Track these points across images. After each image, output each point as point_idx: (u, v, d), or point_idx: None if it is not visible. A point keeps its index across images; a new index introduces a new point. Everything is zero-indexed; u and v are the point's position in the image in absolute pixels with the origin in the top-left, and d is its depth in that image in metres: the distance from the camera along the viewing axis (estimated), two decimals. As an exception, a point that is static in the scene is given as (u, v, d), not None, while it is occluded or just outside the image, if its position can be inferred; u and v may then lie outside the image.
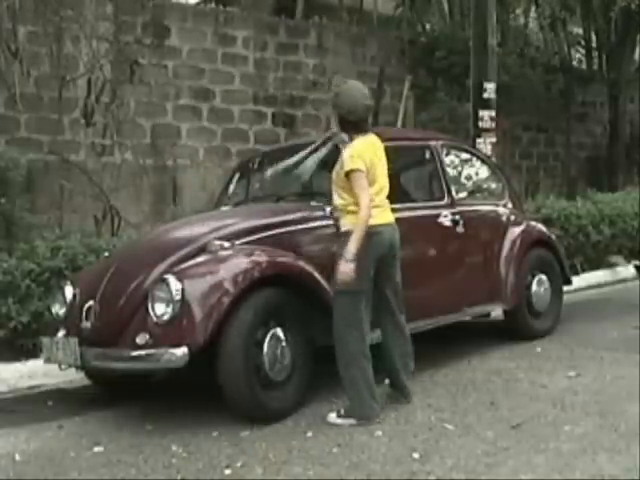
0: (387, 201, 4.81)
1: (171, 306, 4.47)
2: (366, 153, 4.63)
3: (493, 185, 6.99)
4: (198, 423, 4.70)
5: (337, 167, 4.73)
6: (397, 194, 6.15)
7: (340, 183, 4.67)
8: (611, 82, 15.37)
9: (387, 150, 5.93)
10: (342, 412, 4.64)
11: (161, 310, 4.51)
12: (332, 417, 4.65)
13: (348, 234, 4.53)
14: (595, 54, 16.59)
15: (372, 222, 4.55)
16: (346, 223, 4.64)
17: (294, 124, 11.95)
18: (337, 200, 4.74)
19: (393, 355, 4.93)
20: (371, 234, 4.55)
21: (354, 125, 4.75)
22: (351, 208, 4.61)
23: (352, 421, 4.56)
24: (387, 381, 5.03)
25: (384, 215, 4.74)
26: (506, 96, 10.66)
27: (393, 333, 4.93)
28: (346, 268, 4.42)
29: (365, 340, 4.65)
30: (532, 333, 6.55)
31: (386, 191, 4.80)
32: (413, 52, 13.34)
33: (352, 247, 4.42)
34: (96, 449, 4.41)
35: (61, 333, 5.03)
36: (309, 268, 4.96)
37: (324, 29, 12.56)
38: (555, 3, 13.93)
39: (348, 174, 4.55)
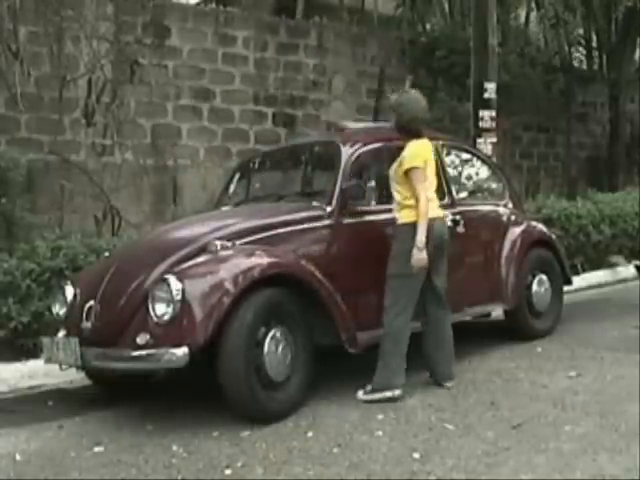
0: (436, 197, 5.29)
1: (171, 306, 4.47)
2: (422, 153, 5.13)
3: (493, 185, 6.99)
4: (198, 423, 4.70)
5: (394, 166, 5.21)
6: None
7: (398, 180, 5.16)
8: (611, 82, 15.37)
9: (387, 151, 5.95)
10: (368, 389, 5.03)
11: (161, 310, 4.51)
12: (360, 394, 5.03)
13: (404, 227, 5.07)
14: (595, 54, 16.59)
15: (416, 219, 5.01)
16: (402, 216, 5.13)
17: (294, 124, 11.95)
18: (395, 196, 5.21)
19: (433, 344, 5.30)
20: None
21: (412, 131, 5.23)
22: (407, 202, 5.10)
23: (378, 396, 4.96)
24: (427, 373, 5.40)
25: (435, 209, 5.21)
26: (506, 96, 10.66)
27: (436, 324, 5.29)
28: (419, 256, 4.92)
29: (408, 321, 5.08)
30: (532, 333, 6.55)
31: (434, 188, 5.26)
32: (413, 52, 13.34)
33: (421, 236, 4.93)
34: (96, 449, 4.41)
35: (61, 333, 5.03)
36: (310, 268, 4.96)
37: (324, 29, 12.57)
38: (558, 4, 13.93)
39: (408, 171, 5.05)
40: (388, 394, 4.98)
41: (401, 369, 5.06)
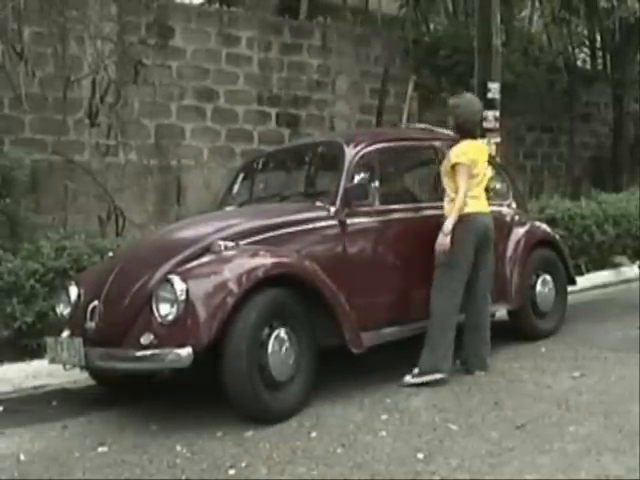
0: (484, 193, 5.60)
1: (175, 306, 4.47)
2: (470, 152, 5.47)
3: (497, 185, 6.97)
4: (202, 423, 4.70)
5: (445, 162, 5.56)
6: (402, 195, 6.19)
7: (446, 174, 5.50)
8: (615, 82, 15.35)
9: (391, 151, 5.96)
10: (415, 372, 5.27)
11: (165, 310, 4.51)
12: (407, 378, 5.27)
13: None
14: (599, 54, 16.57)
15: (470, 210, 5.37)
16: (447, 209, 5.44)
17: (298, 124, 11.95)
18: (448, 190, 5.50)
19: (471, 334, 5.55)
20: (469, 220, 5.36)
21: (466, 131, 5.61)
22: (453, 196, 5.41)
23: (425, 378, 5.22)
24: (458, 362, 5.56)
25: (481, 204, 5.53)
26: (510, 96, 10.65)
27: (477, 315, 5.55)
28: (442, 240, 5.25)
29: (455, 310, 5.36)
30: (536, 333, 6.54)
31: (484, 184, 5.59)
32: (417, 52, 13.33)
33: (448, 223, 5.26)
34: (100, 449, 4.42)
35: (65, 333, 5.04)
36: (313, 268, 4.97)
37: (328, 29, 12.57)
38: (556, 3, 13.93)
39: (454, 166, 5.39)
40: (436, 376, 5.24)
41: (448, 355, 5.32)
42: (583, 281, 8.79)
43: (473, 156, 5.48)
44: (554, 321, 6.73)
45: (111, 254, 6.16)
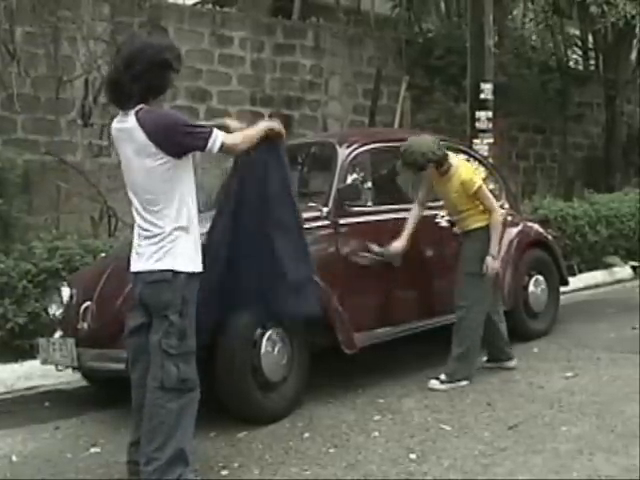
0: None
1: (168, 307, 4.45)
2: (472, 170, 5.64)
3: (490, 186, 6.97)
4: (195, 424, 4.69)
5: (453, 187, 5.46)
6: (394, 195, 6.20)
7: (464, 198, 5.46)
8: (608, 83, 15.38)
9: (384, 151, 5.95)
10: (443, 378, 5.27)
11: (158, 311, 4.49)
12: (433, 383, 5.26)
13: (476, 231, 5.46)
14: (592, 55, 16.60)
15: (484, 224, 5.44)
16: (475, 221, 5.47)
17: (291, 125, 11.94)
18: (459, 207, 5.53)
19: (493, 333, 5.64)
20: (487, 232, 5.44)
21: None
22: (474, 212, 5.46)
23: (452, 385, 5.23)
24: (484, 358, 5.74)
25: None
26: (503, 97, 10.66)
27: (497, 315, 5.68)
28: (494, 265, 5.41)
29: (484, 315, 5.45)
30: (529, 334, 6.55)
31: None
32: (410, 53, 13.33)
33: (496, 245, 5.42)
34: (93, 450, 4.42)
35: (58, 334, 5.03)
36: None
37: (321, 30, 12.57)
38: (547, 7, 13.96)
39: (477, 191, 5.40)
40: (463, 383, 5.28)
41: (476, 360, 5.48)
42: (576, 281, 8.78)
43: (477, 175, 5.64)
44: (547, 321, 6.74)
45: (104, 254, 6.14)
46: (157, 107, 3.65)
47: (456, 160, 5.57)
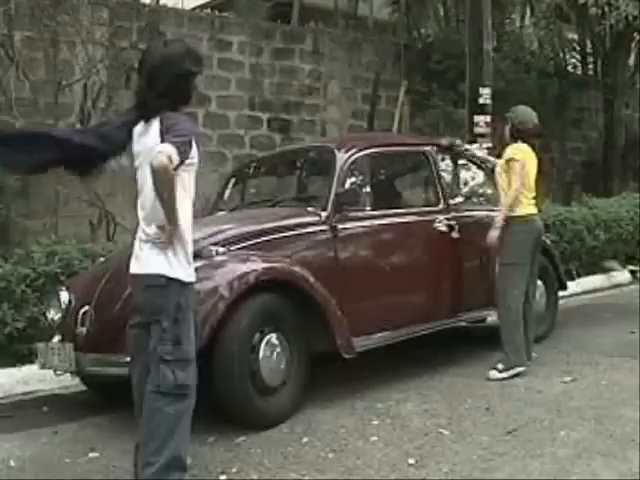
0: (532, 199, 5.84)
1: (166, 312, 4.45)
2: (523, 152, 5.80)
3: (488, 190, 7.00)
4: (193, 429, 4.67)
5: (500, 162, 5.88)
6: (393, 200, 6.20)
7: (501, 173, 5.79)
8: (606, 87, 15.39)
9: (382, 156, 5.96)
10: (500, 367, 5.47)
11: (156, 316, 4.49)
12: (493, 373, 5.47)
13: (514, 219, 5.63)
14: (590, 59, 16.61)
15: (528, 211, 5.70)
16: (512, 211, 5.65)
17: (289, 129, 11.96)
18: (502, 196, 5.77)
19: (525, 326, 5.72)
20: (528, 221, 5.69)
21: (521, 134, 5.87)
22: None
23: (511, 372, 5.44)
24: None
25: (535, 208, 5.85)
26: (501, 101, 10.66)
27: (528, 309, 5.78)
28: (492, 233, 5.62)
29: (521, 301, 5.62)
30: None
31: (532, 191, 5.83)
32: (408, 57, 13.35)
33: (499, 219, 5.64)
34: (91, 455, 4.41)
35: (56, 339, 5.03)
36: (305, 273, 4.96)
37: (320, 34, 12.59)
38: (550, 12, 13.97)
39: (508, 162, 5.69)
40: (521, 369, 5.51)
41: (523, 346, 5.61)
42: (574, 286, 8.82)
43: (524, 157, 5.76)
44: (545, 326, 6.73)
45: (102, 259, 6.14)
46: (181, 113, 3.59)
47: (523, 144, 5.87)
